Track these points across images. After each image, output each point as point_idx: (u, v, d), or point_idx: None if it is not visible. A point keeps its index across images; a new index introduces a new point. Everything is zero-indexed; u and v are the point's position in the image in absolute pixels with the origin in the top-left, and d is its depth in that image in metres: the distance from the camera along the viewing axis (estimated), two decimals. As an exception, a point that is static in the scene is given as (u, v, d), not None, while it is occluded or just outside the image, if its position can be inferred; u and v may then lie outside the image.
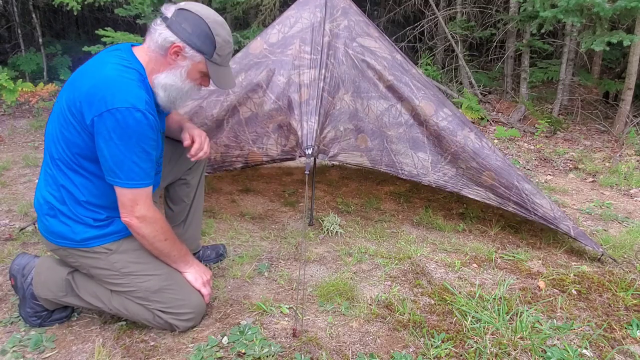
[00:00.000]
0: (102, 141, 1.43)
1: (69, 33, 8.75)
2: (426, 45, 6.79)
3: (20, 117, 5.34)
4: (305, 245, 2.45)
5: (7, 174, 3.48)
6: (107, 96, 1.41)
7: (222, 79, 1.63)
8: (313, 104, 2.31)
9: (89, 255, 1.59)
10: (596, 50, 4.33)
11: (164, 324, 1.66)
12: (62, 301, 1.68)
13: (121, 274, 1.60)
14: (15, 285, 1.72)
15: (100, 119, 1.41)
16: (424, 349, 1.66)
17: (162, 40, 1.52)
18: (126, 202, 1.50)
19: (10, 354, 1.57)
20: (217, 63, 1.59)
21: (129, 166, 1.46)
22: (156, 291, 1.62)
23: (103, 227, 1.58)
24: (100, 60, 1.53)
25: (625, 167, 4.00)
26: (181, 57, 1.54)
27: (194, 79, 1.60)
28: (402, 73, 2.52)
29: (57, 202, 1.56)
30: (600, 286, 2.12)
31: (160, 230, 1.58)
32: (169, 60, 1.55)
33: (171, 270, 1.68)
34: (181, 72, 1.56)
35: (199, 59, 1.55)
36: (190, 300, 1.68)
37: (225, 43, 1.58)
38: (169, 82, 1.56)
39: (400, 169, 2.40)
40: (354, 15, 2.61)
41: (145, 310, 1.64)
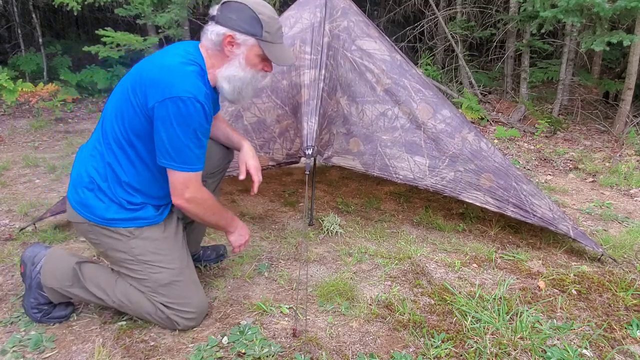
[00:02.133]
0: (162, 125, 1.50)
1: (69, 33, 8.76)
2: (426, 45, 6.80)
3: (20, 117, 5.34)
4: (305, 245, 2.46)
5: (7, 174, 3.48)
6: (171, 84, 1.48)
7: (280, 55, 1.66)
8: (313, 104, 2.31)
9: (111, 235, 1.63)
10: (596, 50, 4.33)
11: (165, 319, 1.68)
12: (67, 291, 1.69)
13: (137, 260, 1.64)
14: (24, 273, 1.74)
15: (163, 105, 1.48)
16: (424, 349, 1.66)
17: (214, 36, 1.58)
18: (178, 185, 1.57)
19: (10, 353, 1.57)
20: (269, 41, 1.61)
21: (184, 151, 1.53)
22: (166, 284, 1.65)
23: (134, 210, 1.63)
24: (169, 51, 1.60)
25: (625, 167, 4.00)
26: (235, 45, 1.59)
27: (254, 64, 1.64)
28: (400, 75, 2.52)
29: (99, 178, 1.61)
30: (600, 286, 2.12)
31: (208, 209, 1.67)
32: (226, 53, 1.60)
33: (184, 267, 1.71)
34: (239, 60, 1.61)
35: (251, 42, 1.59)
36: (195, 300, 1.71)
37: (271, 19, 1.61)
38: (231, 74, 1.61)
39: (394, 173, 2.40)
40: (354, 15, 2.61)
41: (149, 303, 1.66)
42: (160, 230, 1.69)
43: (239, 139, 1.94)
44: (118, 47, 5.17)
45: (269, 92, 2.44)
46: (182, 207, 1.62)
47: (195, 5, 5.53)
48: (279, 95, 2.43)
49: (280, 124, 2.44)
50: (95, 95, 6.36)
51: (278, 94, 2.43)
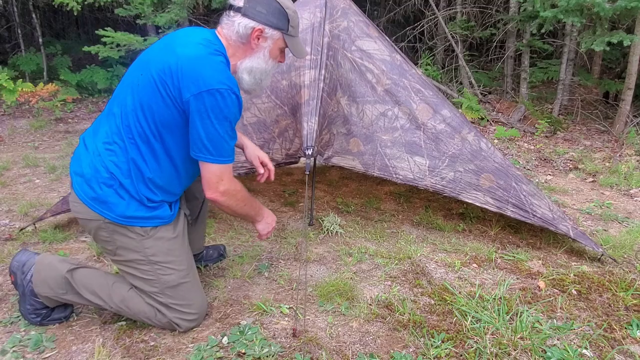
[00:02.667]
0: (199, 119, 1.49)
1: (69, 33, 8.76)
2: (426, 45, 6.79)
3: (20, 117, 5.34)
4: (305, 245, 2.46)
5: (7, 174, 3.48)
6: (205, 76, 1.47)
7: (299, 49, 1.70)
8: (313, 104, 2.31)
9: (125, 233, 1.59)
10: (596, 50, 4.33)
11: (165, 322, 1.67)
12: (63, 299, 1.68)
13: (148, 260, 1.62)
14: (15, 282, 1.72)
15: (199, 98, 1.46)
16: (424, 349, 1.66)
17: (242, 28, 1.57)
18: (212, 177, 1.57)
19: (10, 354, 1.57)
20: (292, 35, 1.65)
21: (221, 144, 1.53)
22: (173, 286, 1.65)
23: (152, 209, 1.61)
24: (190, 39, 1.55)
25: (625, 167, 4.00)
26: (262, 39, 1.61)
27: (275, 57, 1.67)
28: (400, 75, 2.52)
29: (121, 174, 1.56)
30: (600, 286, 2.12)
31: (241, 200, 1.68)
32: (252, 45, 1.61)
33: (190, 268, 1.71)
34: (264, 53, 1.63)
35: (278, 36, 1.62)
36: (197, 301, 1.71)
37: (295, 13, 1.64)
38: (254, 66, 1.63)
39: (394, 173, 2.40)
40: (354, 15, 2.61)
41: (148, 307, 1.65)
42: (171, 230, 1.67)
43: (240, 136, 1.93)
44: (118, 47, 5.17)
45: (268, 92, 2.44)
46: (217, 201, 1.61)
47: (195, 5, 5.53)
48: (279, 96, 2.43)
49: (280, 124, 2.44)
50: (95, 95, 6.36)
51: (278, 94, 2.43)
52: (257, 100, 2.45)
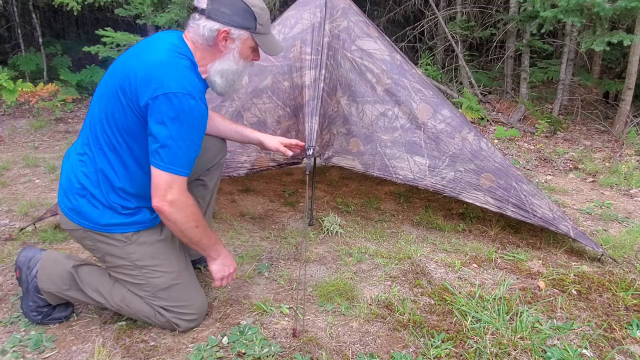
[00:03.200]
0: (154, 123, 1.44)
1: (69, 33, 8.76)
2: (426, 45, 6.79)
3: (20, 117, 5.34)
4: (305, 245, 2.46)
5: (7, 174, 3.48)
6: (163, 80, 1.43)
7: (271, 46, 1.64)
8: (314, 104, 2.31)
9: (107, 241, 1.60)
10: (596, 50, 4.33)
11: (165, 322, 1.67)
12: (65, 295, 1.68)
13: (134, 265, 1.62)
14: (19, 278, 1.73)
15: (155, 102, 1.42)
16: (424, 349, 1.66)
17: (207, 31, 1.53)
18: (161, 184, 1.48)
19: (10, 354, 1.57)
20: (262, 32, 1.60)
21: (174, 151, 1.46)
22: (164, 289, 1.64)
23: (129, 215, 1.60)
24: (155, 45, 1.54)
25: (625, 167, 4.00)
26: (230, 40, 1.56)
27: (246, 56, 1.62)
28: (400, 75, 2.52)
29: (91, 184, 1.57)
30: (600, 286, 2.12)
31: (191, 217, 1.55)
32: (219, 48, 1.57)
33: (182, 269, 1.69)
34: (234, 54, 1.59)
35: (246, 36, 1.57)
36: (195, 301, 1.70)
37: (262, 10, 1.59)
38: (225, 68, 1.59)
39: (394, 173, 2.39)
40: (354, 15, 2.61)
41: (147, 307, 1.65)
42: (156, 234, 1.66)
43: (252, 132, 1.95)
44: (118, 47, 5.16)
45: (269, 93, 2.44)
46: (163, 211, 1.50)
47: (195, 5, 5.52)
48: (280, 97, 2.43)
49: (281, 125, 2.44)
50: (95, 95, 6.36)
51: (279, 95, 2.43)
52: (258, 100, 2.45)
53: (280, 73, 2.44)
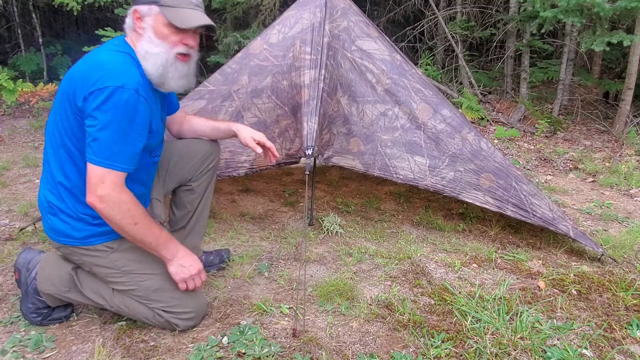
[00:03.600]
0: (89, 118, 1.41)
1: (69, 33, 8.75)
2: (426, 45, 6.79)
3: (20, 117, 5.34)
4: (305, 245, 2.45)
5: (7, 174, 3.48)
6: (98, 77, 1.41)
7: (182, 18, 1.52)
8: (313, 104, 2.31)
9: (90, 254, 1.60)
10: (596, 50, 4.33)
11: (164, 322, 1.67)
12: (65, 297, 1.68)
13: (122, 272, 1.61)
14: (19, 280, 1.73)
15: (90, 97, 1.40)
16: (424, 349, 1.66)
17: (128, 18, 1.55)
18: (93, 178, 1.42)
19: (10, 354, 1.57)
20: (172, 5, 1.52)
21: (106, 144, 1.41)
22: (156, 290, 1.63)
23: (102, 224, 1.57)
24: (94, 50, 1.55)
25: (625, 167, 4.00)
26: (142, 20, 1.53)
27: (165, 36, 1.52)
28: (400, 75, 2.52)
29: (56, 200, 1.57)
30: (600, 286, 2.12)
31: (127, 214, 1.46)
32: (138, 31, 1.54)
33: None
34: (149, 35, 1.52)
35: (155, 11, 1.51)
36: (191, 300, 1.68)
37: None
38: (145, 50, 1.52)
39: (394, 173, 2.40)
40: (354, 15, 2.61)
41: (146, 309, 1.65)
42: None
43: (227, 124, 1.90)
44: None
45: (269, 93, 2.45)
46: (95, 207, 1.44)
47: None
48: (279, 96, 2.43)
49: (280, 124, 2.44)
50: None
51: (278, 95, 2.43)
52: (258, 100, 2.45)
53: (279, 72, 2.44)
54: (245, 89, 2.47)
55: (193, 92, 2.60)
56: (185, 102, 2.55)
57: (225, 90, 2.51)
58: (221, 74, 2.57)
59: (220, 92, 2.51)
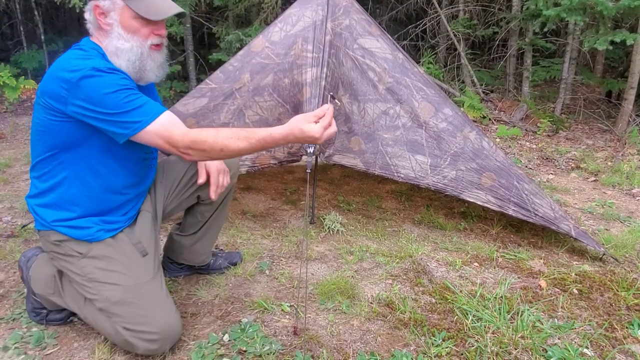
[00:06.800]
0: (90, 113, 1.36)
1: (71, 30, 8.75)
2: (428, 43, 6.78)
3: (22, 114, 5.35)
4: (306, 243, 2.46)
5: (9, 170, 3.49)
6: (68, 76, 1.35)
7: (150, 8, 1.45)
8: (314, 102, 2.31)
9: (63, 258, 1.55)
10: (599, 49, 4.32)
11: (122, 341, 1.49)
12: (49, 299, 1.65)
13: (88, 279, 1.51)
14: (22, 277, 1.74)
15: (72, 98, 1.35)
16: (425, 347, 1.66)
17: (88, 14, 1.47)
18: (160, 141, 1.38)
19: (12, 350, 1.58)
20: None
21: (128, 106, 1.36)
22: (116, 302, 1.47)
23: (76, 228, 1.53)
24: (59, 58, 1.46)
25: (627, 167, 3.99)
26: (106, 15, 1.45)
27: (134, 30, 1.45)
28: (402, 73, 2.52)
29: None
30: (602, 285, 2.12)
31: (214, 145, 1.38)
32: (103, 27, 1.46)
33: (142, 283, 1.52)
34: (118, 31, 1.45)
35: (119, 5, 1.43)
36: (155, 319, 1.47)
37: None
38: (115, 46, 1.45)
39: (395, 171, 2.39)
40: (356, 13, 2.60)
41: (109, 324, 1.50)
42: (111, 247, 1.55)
43: None
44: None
45: (270, 91, 2.44)
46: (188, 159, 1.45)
47: (197, 3, 5.52)
48: (281, 94, 2.43)
49: (281, 122, 2.43)
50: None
51: (280, 93, 2.43)
52: (260, 98, 2.45)
53: (281, 70, 2.44)
54: (247, 87, 2.47)
55: (195, 89, 2.60)
56: (187, 100, 2.55)
57: (227, 88, 2.51)
58: (223, 71, 2.57)
59: (222, 90, 2.51)
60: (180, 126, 1.41)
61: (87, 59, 1.39)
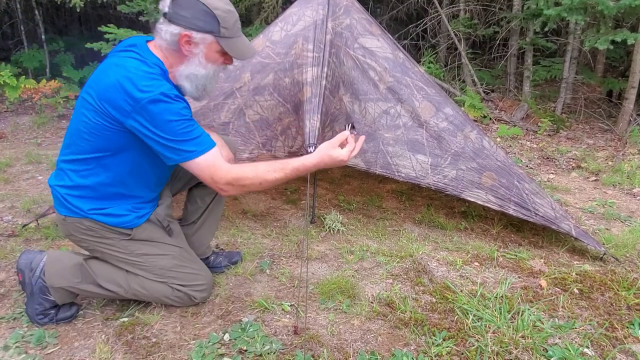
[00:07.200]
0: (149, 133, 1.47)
1: (71, 30, 8.76)
2: (429, 43, 6.77)
3: (23, 114, 5.35)
4: (306, 242, 2.46)
5: (10, 170, 3.49)
6: (137, 95, 1.43)
7: (240, 50, 1.60)
8: (315, 102, 2.31)
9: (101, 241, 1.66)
10: (600, 48, 4.31)
11: (183, 296, 1.76)
12: (77, 288, 1.70)
13: (136, 255, 1.69)
14: (22, 281, 1.72)
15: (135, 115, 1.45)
16: (425, 347, 1.66)
17: (169, 36, 1.53)
18: (205, 174, 1.53)
19: (13, 349, 1.58)
20: (227, 36, 1.56)
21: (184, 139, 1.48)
22: (171, 268, 1.72)
23: None
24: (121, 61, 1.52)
25: (628, 166, 3.99)
26: (193, 44, 1.54)
27: (214, 60, 1.59)
28: (403, 73, 2.51)
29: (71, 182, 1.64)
30: (602, 285, 2.12)
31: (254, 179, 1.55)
32: (184, 52, 1.55)
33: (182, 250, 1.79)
34: (199, 59, 1.56)
35: (209, 40, 1.54)
36: (202, 273, 1.81)
37: (227, 13, 1.54)
38: (192, 72, 1.58)
39: (396, 171, 2.39)
40: (357, 13, 2.60)
41: (164, 287, 1.73)
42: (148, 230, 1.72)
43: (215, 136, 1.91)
44: (121, 44, 5.15)
45: (271, 90, 2.44)
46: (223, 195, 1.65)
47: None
48: (282, 93, 2.43)
49: (282, 122, 2.44)
50: (97, 92, 6.35)
51: (280, 92, 2.43)
52: (260, 97, 2.45)
53: (281, 70, 2.44)
54: (247, 87, 2.46)
55: (195, 89, 2.60)
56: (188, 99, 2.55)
57: (227, 88, 2.51)
58: (223, 71, 2.57)
59: (223, 90, 2.51)
60: (225, 164, 1.55)
61: (155, 79, 1.47)
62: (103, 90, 1.48)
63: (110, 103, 1.46)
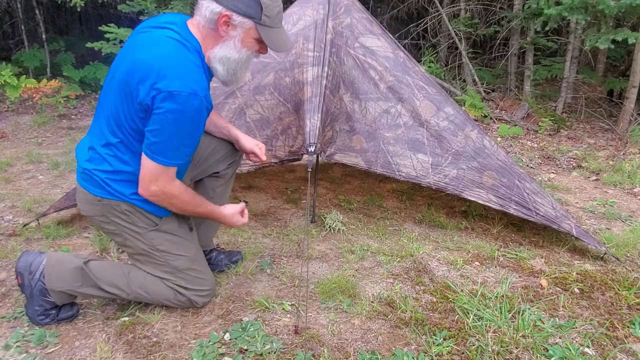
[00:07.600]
0: (156, 118, 1.44)
1: (72, 29, 8.77)
2: (429, 42, 6.77)
3: (23, 114, 5.35)
4: (307, 242, 2.46)
5: (10, 169, 3.49)
6: (169, 77, 1.40)
7: (277, 41, 1.57)
8: (316, 101, 2.31)
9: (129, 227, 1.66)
10: (601, 48, 4.30)
11: (185, 301, 1.76)
12: (78, 292, 1.69)
13: (157, 249, 1.69)
14: (22, 284, 1.70)
15: (160, 99, 1.41)
16: (426, 346, 1.66)
17: (209, 13, 1.49)
18: (147, 174, 1.53)
19: (14, 349, 1.58)
20: (268, 25, 1.53)
21: (168, 145, 1.49)
22: (183, 269, 1.73)
23: None
24: (159, 36, 1.50)
25: (629, 166, 3.98)
26: (231, 26, 1.51)
27: (250, 46, 1.57)
28: (404, 72, 2.51)
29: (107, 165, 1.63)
30: (603, 285, 2.12)
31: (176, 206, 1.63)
32: (220, 33, 1.52)
33: (198, 252, 1.81)
34: (234, 42, 1.54)
35: (248, 25, 1.51)
36: (207, 279, 1.81)
37: (272, 2, 1.51)
38: (225, 55, 1.55)
39: (397, 170, 2.39)
40: (357, 12, 2.60)
41: (168, 289, 1.73)
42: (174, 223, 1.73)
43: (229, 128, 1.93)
44: (121, 44, 5.16)
45: (271, 89, 2.44)
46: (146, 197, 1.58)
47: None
48: (282, 93, 2.43)
49: (282, 121, 2.44)
50: (98, 91, 6.37)
51: (281, 91, 2.43)
52: (261, 97, 2.45)
53: (282, 69, 2.44)
54: (247, 86, 2.46)
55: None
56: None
57: (228, 87, 2.51)
58: None
59: (223, 89, 2.51)
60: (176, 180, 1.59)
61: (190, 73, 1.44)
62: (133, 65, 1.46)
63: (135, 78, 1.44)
